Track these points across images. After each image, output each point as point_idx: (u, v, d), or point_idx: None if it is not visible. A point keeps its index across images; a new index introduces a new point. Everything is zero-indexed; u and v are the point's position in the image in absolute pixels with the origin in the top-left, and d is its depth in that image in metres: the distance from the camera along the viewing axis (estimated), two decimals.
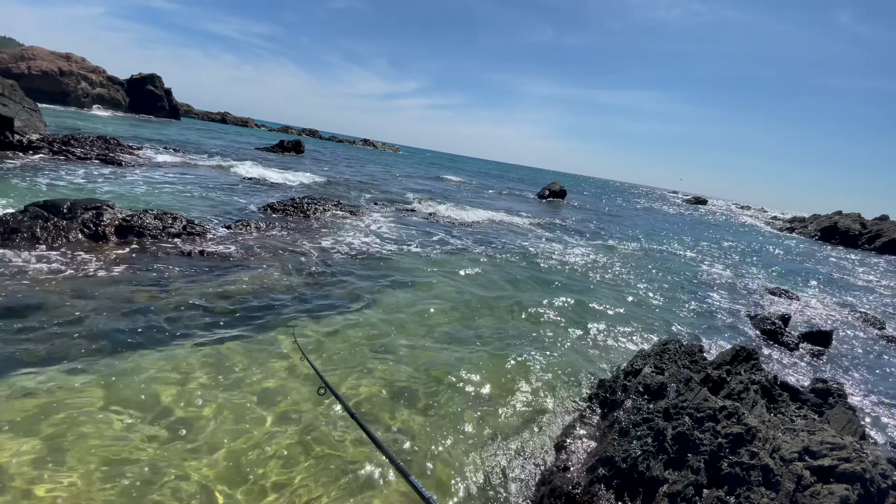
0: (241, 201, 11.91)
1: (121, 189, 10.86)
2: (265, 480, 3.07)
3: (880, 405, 5.88)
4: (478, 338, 5.88)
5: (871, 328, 9.78)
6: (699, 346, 5.21)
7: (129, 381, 3.79)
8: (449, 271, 8.69)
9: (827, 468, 2.98)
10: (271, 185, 15.82)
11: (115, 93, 49.87)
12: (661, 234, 22.23)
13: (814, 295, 12.65)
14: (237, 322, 5.15)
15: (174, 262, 6.61)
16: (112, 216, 7.57)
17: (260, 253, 7.73)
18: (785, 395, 4.16)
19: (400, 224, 12.66)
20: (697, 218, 39.18)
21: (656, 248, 16.76)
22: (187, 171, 15.62)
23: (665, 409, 3.55)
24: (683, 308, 9.02)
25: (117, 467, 2.94)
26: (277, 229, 9.43)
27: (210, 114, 70.06)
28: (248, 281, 6.39)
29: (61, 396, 3.47)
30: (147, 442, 3.19)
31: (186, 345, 4.50)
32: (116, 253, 6.62)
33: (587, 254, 13.01)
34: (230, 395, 3.84)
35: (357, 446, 3.50)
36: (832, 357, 7.43)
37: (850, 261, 23.29)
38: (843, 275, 17.57)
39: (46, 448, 2.98)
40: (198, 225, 8.28)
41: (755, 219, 51.46)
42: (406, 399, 4.24)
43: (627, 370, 5.02)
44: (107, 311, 4.83)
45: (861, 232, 33.38)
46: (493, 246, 11.77)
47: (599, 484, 3.22)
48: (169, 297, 5.44)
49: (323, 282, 6.95)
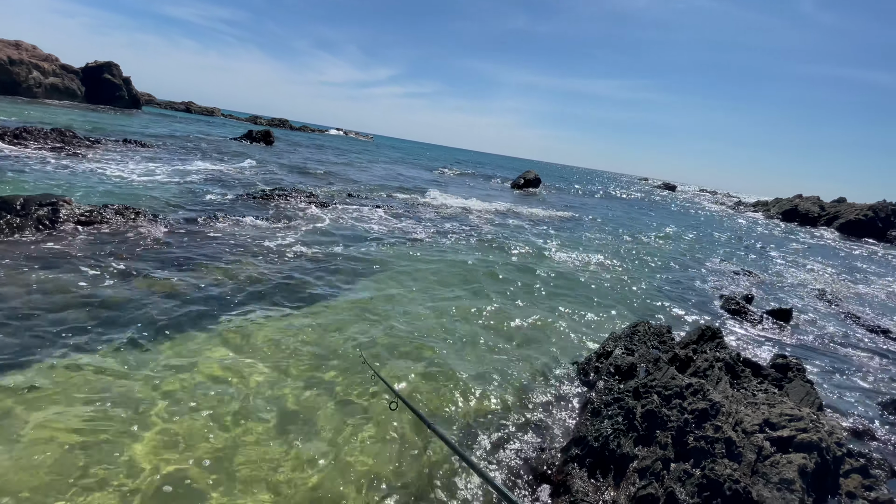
0: (209, 193, 11.55)
1: (79, 183, 10.38)
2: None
3: (836, 377, 6.20)
4: (449, 324, 5.90)
5: (827, 304, 10.27)
6: (667, 327, 5.37)
7: (83, 377, 3.65)
8: (420, 259, 8.67)
9: (786, 439, 3.13)
10: (240, 177, 15.40)
11: (69, 82, 47.35)
12: (632, 220, 22.73)
13: (775, 274, 13.18)
14: (201, 317, 5.02)
15: (139, 257, 6.37)
16: (69, 211, 7.24)
17: (226, 246, 7.53)
18: (747, 371, 4.33)
19: (371, 215, 12.54)
20: (667, 203, 40.18)
21: (627, 233, 17.13)
22: (150, 163, 15.03)
23: (635, 389, 3.65)
24: (654, 290, 9.27)
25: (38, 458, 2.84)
26: (245, 221, 9.20)
27: (173, 103, 67.49)
28: (214, 274, 6.22)
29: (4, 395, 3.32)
30: (69, 434, 3.10)
31: (153, 339, 4.37)
32: (75, 249, 6.33)
33: (558, 240, 13.19)
34: (196, 385, 3.76)
35: None
36: (792, 333, 7.77)
37: (810, 241, 24.34)
38: (802, 255, 18.35)
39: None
40: (162, 219, 8.00)
41: (721, 203, 53.14)
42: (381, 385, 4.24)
43: (599, 352, 5.14)
44: (59, 309, 4.63)
45: (820, 214, 34.91)
46: (465, 234, 11.80)
47: (573, 463, 3.30)
48: (131, 292, 5.25)
49: (289, 275, 6.83)
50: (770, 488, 2.79)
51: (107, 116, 33.48)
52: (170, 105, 66.44)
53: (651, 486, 2.84)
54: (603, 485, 3.07)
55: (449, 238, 11.06)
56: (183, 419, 3.41)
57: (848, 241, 27.40)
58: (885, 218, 31.66)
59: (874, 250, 24.33)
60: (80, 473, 2.82)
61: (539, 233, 13.91)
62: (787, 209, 37.57)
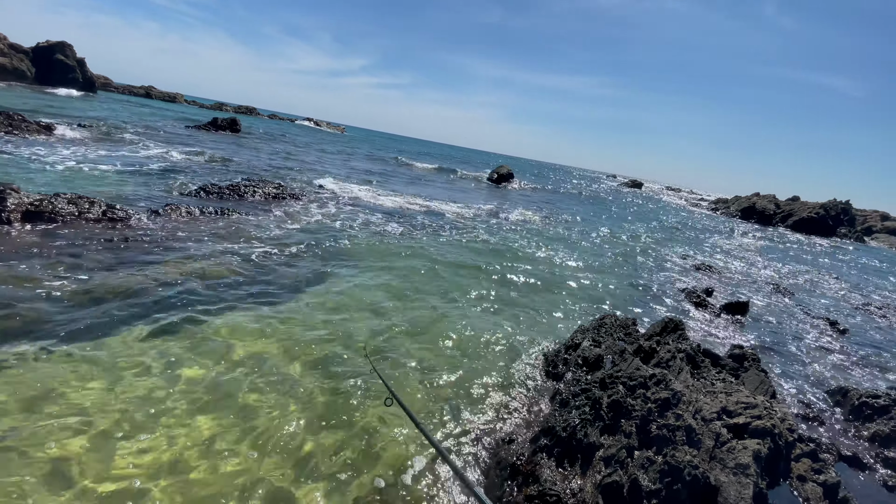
0: (171, 183, 11.09)
1: (27, 171, 9.78)
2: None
3: (788, 366, 6.53)
4: (417, 318, 5.89)
5: (782, 297, 10.81)
6: (633, 319, 5.52)
7: (32, 376, 3.46)
8: (391, 253, 8.62)
9: (742, 425, 3.27)
10: (202, 167, 14.85)
11: (18, 62, 44.43)
12: (599, 216, 23.24)
13: (733, 268, 13.76)
14: (163, 311, 4.83)
15: (93, 251, 6.06)
16: (18, 201, 6.80)
17: (190, 239, 7.26)
18: (707, 361, 4.51)
19: (342, 209, 12.36)
20: (632, 200, 41.24)
21: (593, 228, 17.50)
22: (106, 150, 14.30)
23: (601, 380, 3.74)
24: (619, 284, 9.51)
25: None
26: (210, 214, 8.89)
27: (132, 87, 64.32)
28: (176, 269, 5.99)
29: None
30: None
31: (107, 337, 4.17)
32: (23, 242, 5.97)
33: (527, 232, 13.36)
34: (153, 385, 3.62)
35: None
36: (749, 324, 8.14)
37: (765, 237, 25.52)
38: (758, 250, 19.22)
39: None
40: (120, 209, 7.63)
41: (684, 200, 55.02)
42: (347, 381, 4.19)
43: (568, 344, 5.24)
44: (8, 305, 4.36)
45: (776, 211, 36.63)
46: (438, 228, 11.79)
47: (542, 453, 3.35)
48: (86, 288, 4.99)
49: (254, 269, 6.66)
50: (727, 473, 2.91)
51: (58, 99, 31.64)
52: (128, 89, 63.29)
53: (616, 474, 2.92)
54: (570, 473, 3.14)
55: (422, 233, 11.02)
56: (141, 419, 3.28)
57: (801, 237, 28.88)
58: (836, 216, 33.53)
59: (824, 246, 25.75)
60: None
61: (507, 229, 14.03)
62: (746, 206, 39.25)
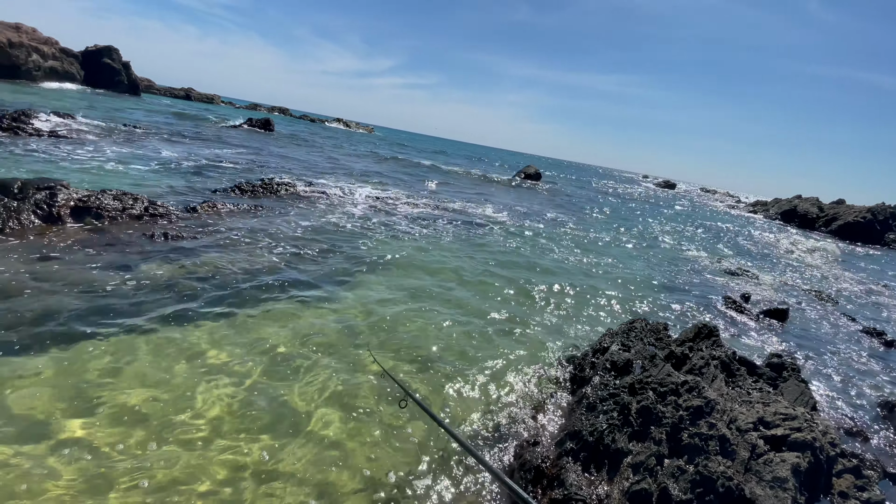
0: (208, 181, 11.50)
1: (77, 167, 10.32)
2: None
3: (830, 377, 6.23)
4: (452, 318, 5.90)
5: (824, 305, 10.31)
6: (664, 324, 5.37)
7: (83, 367, 3.65)
8: (419, 253, 8.67)
9: (780, 437, 3.14)
10: (238, 165, 15.32)
11: (69, 66, 46.92)
12: (631, 217, 22.72)
13: (773, 274, 13.20)
14: (204, 305, 5.01)
15: (136, 245, 6.35)
16: (67, 196, 7.19)
17: (227, 235, 7.51)
18: (742, 370, 4.34)
19: (372, 209, 12.51)
20: (666, 201, 40.15)
21: (625, 230, 17.13)
22: (151, 149, 14.94)
23: (630, 385, 3.66)
24: (651, 287, 9.28)
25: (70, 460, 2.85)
26: (245, 210, 9.16)
27: (173, 89, 66.89)
28: (214, 263, 6.21)
29: (15, 385, 3.32)
30: (96, 432, 3.10)
31: (149, 328, 4.36)
32: (72, 235, 6.31)
33: (558, 235, 13.19)
34: (200, 377, 3.76)
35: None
36: (788, 332, 7.80)
37: (809, 243, 24.38)
38: (800, 256, 18.39)
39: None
40: (161, 206, 7.96)
41: (720, 202, 53.16)
42: (382, 376, 4.25)
43: (596, 348, 5.15)
44: (62, 297, 4.62)
45: (818, 215, 34.91)
46: (466, 225, 11.78)
47: (567, 457, 3.31)
48: (131, 281, 5.23)
49: (292, 264, 6.82)
50: (763, 486, 2.80)
51: (105, 101, 33.23)
52: (169, 91, 65.86)
53: (645, 482, 2.86)
54: (597, 479, 3.09)
55: (449, 235, 11.04)
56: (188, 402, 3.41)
57: (845, 243, 27.46)
58: (884, 221, 31.68)
59: (871, 253, 24.40)
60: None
61: (536, 230, 13.90)
62: (786, 209, 37.57)
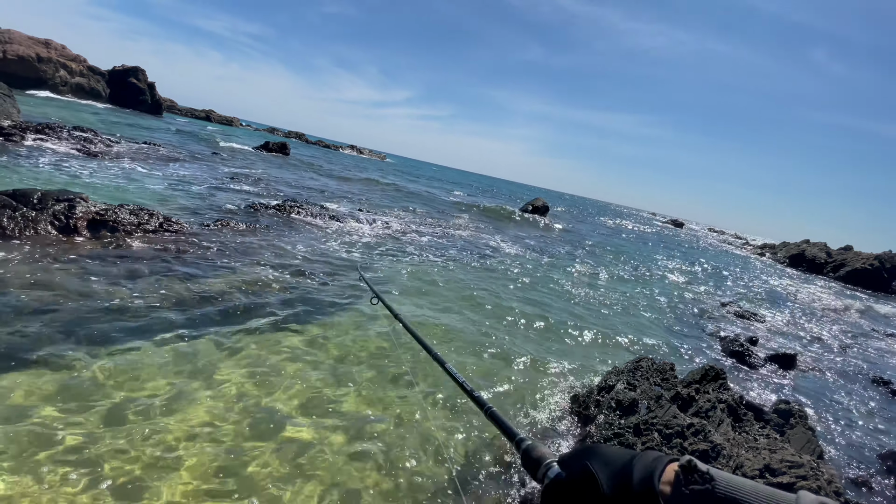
0: (223, 200, 11.73)
1: (96, 182, 10.59)
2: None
3: (837, 426, 6.10)
4: (450, 347, 5.89)
5: (832, 352, 10.16)
6: (670, 364, 5.33)
7: (91, 379, 3.68)
8: (425, 282, 8.71)
9: (785, 485, 3.08)
10: (254, 187, 15.62)
11: (95, 83, 48.71)
12: (638, 254, 22.72)
13: (780, 318, 13.07)
14: (210, 322, 5.06)
15: (148, 260, 6.46)
16: (85, 209, 7.36)
17: (238, 253, 7.62)
18: (749, 415, 4.29)
19: (384, 235, 12.64)
20: (675, 240, 40.17)
21: (633, 267, 17.11)
22: (167, 167, 15.32)
23: (636, 425, 3.63)
24: (657, 325, 9.22)
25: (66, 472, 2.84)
26: (258, 230, 9.31)
27: (194, 111, 68.93)
28: (224, 281, 6.28)
29: (16, 397, 3.35)
30: (94, 440, 3.10)
31: (157, 343, 4.40)
32: (88, 248, 6.44)
33: (564, 269, 13.21)
34: (203, 393, 3.77)
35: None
36: (795, 379, 7.68)
37: (816, 288, 24.17)
38: (808, 301, 18.21)
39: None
40: (175, 222, 8.12)
41: (728, 243, 53.07)
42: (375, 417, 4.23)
43: (601, 386, 5.11)
44: (74, 308, 4.69)
45: (826, 261, 34.71)
46: (473, 255, 11.85)
47: None
48: (141, 294, 5.31)
49: (303, 284, 6.88)
50: None
51: (127, 119, 34.26)
52: (191, 112, 67.86)
53: None
54: None
55: (455, 264, 11.11)
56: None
57: (853, 290, 27.19)
58: (892, 269, 31.42)
59: (879, 300, 24.11)
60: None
61: (540, 263, 13.93)
62: (795, 254, 37.41)
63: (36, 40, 44.95)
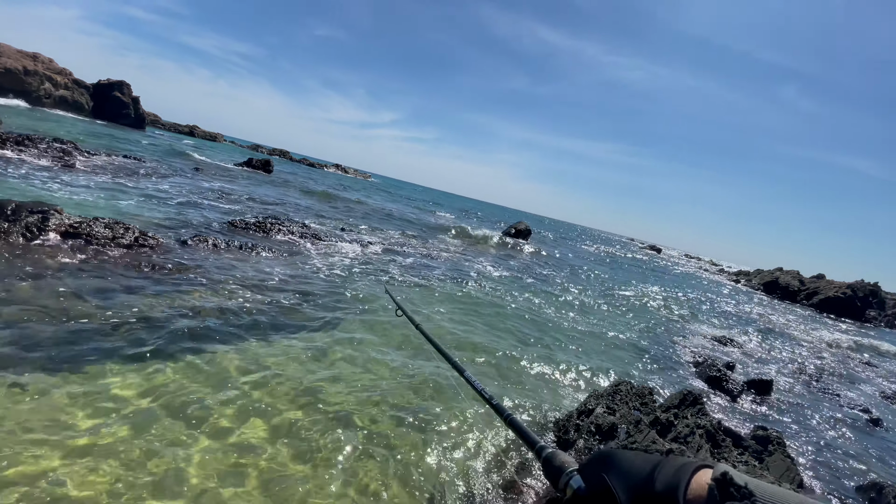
0: (201, 215, 11.53)
1: (72, 194, 10.33)
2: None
3: (815, 454, 6.15)
4: (429, 373, 5.81)
5: (808, 379, 10.33)
6: (649, 388, 5.34)
7: (55, 399, 3.50)
8: (408, 304, 8.64)
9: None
10: (234, 203, 15.44)
11: (78, 96, 48.17)
12: (618, 278, 23.00)
13: (756, 344, 13.29)
14: (182, 340, 4.89)
15: (121, 275, 6.27)
16: (59, 221, 7.16)
17: (215, 269, 7.45)
18: (728, 441, 4.30)
19: (366, 255, 12.56)
20: (652, 265, 40.83)
21: (612, 291, 17.29)
22: (148, 181, 15.07)
23: None
24: (636, 349, 9.27)
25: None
26: (236, 247, 9.15)
27: (178, 125, 68.43)
28: (200, 298, 6.13)
29: None
30: (60, 464, 2.93)
31: (125, 361, 4.23)
32: (59, 261, 6.23)
33: (544, 292, 13.26)
34: (161, 417, 3.61)
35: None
36: (772, 405, 7.76)
37: (790, 314, 24.73)
38: (783, 327, 18.60)
39: None
40: (151, 237, 7.93)
41: (705, 270, 54.22)
42: (354, 442, 4.11)
43: (581, 409, 5.07)
44: (38, 324, 4.49)
45: (799, 288, 35.67)
46: (454, 278, 11.83)
47: None
48: (111, 310, 5.13)
49: (279, 303, 6.75)
50: None
51: (108, 132, 33.77)
52: (174, 127, 67.33)
53: None
54: None
55: (437, 284, 11.07)
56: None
57: (827, 318, 27.90)
58: (864, 297, 32.42)
59: (852, 329, 24.76)
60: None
61: (522, 286, 13.99)
62: (769, 280, 38.37)
63: (24, 53, 44.53)
